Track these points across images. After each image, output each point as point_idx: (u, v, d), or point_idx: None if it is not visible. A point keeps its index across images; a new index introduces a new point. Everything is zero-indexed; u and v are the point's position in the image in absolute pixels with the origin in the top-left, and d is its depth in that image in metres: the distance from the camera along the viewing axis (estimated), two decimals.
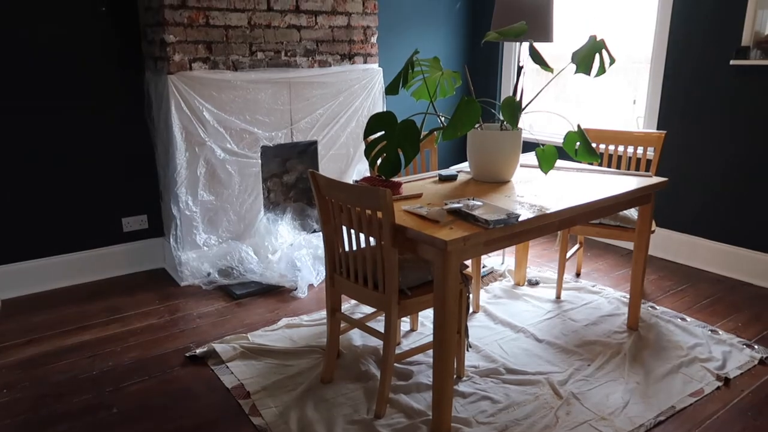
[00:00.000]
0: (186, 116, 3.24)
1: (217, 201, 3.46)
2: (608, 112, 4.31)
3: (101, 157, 3.41)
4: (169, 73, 3.17)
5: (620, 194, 2.46)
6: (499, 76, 4.78)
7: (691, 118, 3.63)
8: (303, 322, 2.95)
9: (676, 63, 3.64)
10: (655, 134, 3.14)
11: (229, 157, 3.44)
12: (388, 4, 4.24)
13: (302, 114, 3.66)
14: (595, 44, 2.40)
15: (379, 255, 2.04)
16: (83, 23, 3.21)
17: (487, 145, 2.54)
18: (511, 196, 2.37)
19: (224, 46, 3.34)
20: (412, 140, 2.25)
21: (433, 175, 2.76)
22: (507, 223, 2.00)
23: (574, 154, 2.52)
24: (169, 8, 3.11)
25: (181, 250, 3.40)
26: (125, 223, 3.57)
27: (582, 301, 3.21)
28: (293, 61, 3.60)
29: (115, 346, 2.74)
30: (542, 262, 3.80)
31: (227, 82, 3.34)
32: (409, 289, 2.17)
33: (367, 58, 3.91)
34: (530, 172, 2.81)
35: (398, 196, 2.33)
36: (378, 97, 3.96)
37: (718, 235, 3.62)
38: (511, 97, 2.40)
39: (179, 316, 3.06)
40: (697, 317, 3.01)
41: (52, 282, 3.39)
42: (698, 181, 3.66)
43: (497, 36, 2.40)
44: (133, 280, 3.52)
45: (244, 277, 3.42)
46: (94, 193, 3.43)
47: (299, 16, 3.56)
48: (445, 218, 2.03)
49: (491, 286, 3.38)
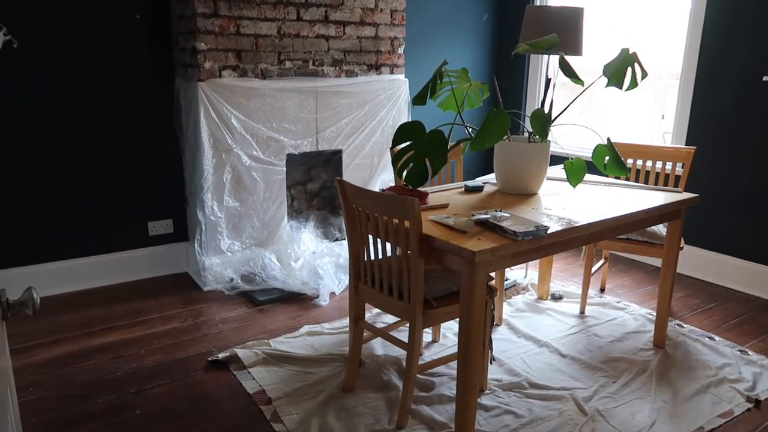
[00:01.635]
0: (214, 123, 3.28)
1: (241, 207, 3.49)
2: (635, 126, 4.26)
3: (130, 161, 3.46)
4: (199, 80, 3.21)
5: (650, 209, 2.43)
6: (525, 88, 4.77)
7: (722, 135, 3.58)
8: (324, 330, 2.95)
9: (707, 78, 3.60)
10: (685, 150, 3.10)
11: (255, 164, 3.46)
12: (415, 16, 4.26)
13: (328, 123, 3.69)
14: (627, 57, 2.38)
15: (406, 264, 2.03)
16: (118, 30, 3.27)
17: (514, 156, 2.53)
18: (539, 209, 2.35)
19: (253, 55, 3.38)
20: (440, 150, 2.24)
21: (459, 185, 2.76)
22: (535, 235, 1.98)
23: (603, 168, 2.49)
24: (202, 17, 3.16)
25: (205, 255, 3.43)
26: (151, 227, 3.61)
27: (607, 317, 3.16)
28: (320, 70, 3.63)
29: (139, 349, 2.77)
30: (566, 276, 3.76)
31: (255, 90, 3.38)
32: (434, 299, 2.16)
33: (394, 69, 3.93)
34: (557, 185, 2.79)
35: (425, 206, 2.33)
36: (403, 107, 3.97)
37: (748, 254, 3.54)
38: (540, 110, 2.39)
39: (202, 320, 3.08)
40: (725, 337, 2.95)
41: (79, 283, 3.43)
42: (727, 198, 3.60)
43: (528, 48, 2.40)
44: (157, 284, 3.55)
45: (266, 284, 3.44)
46: (122, 196, 3.48)
47: (328, 26, 3.59)
48: (472, 229, 2.02)
49: (514, 300, 3.35)
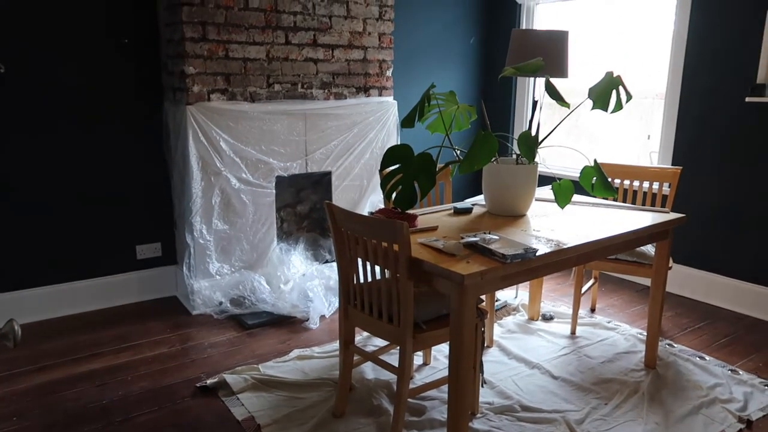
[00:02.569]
0: (203, 146, 3.28)
1: (230, 230, 3.47)
2: (622, 145, 4.31)
3: (118, 184, 3.44)
4: (188, 104, 3.22)
5: (639, 230, 2.44)
6: (512, 110, 4.81)
7: (707, 154, 3.62)
8: (315, 353, 2.92)
9: (691, 99, 3.65)
10: (671, 170, 3.13)
11: (244, 187, 3.46)
12: (403, 39, 4.31)
13: (317, 145, 3.69)
14: (612, 80, 2.42)
15: (395, 288, 2.03)
16: (106, 55, 3.28)
17: (503, 178, 2.54)
18: (527, 231, 2.35)
19: (242, 78, 3.39)
20: (429, 173, 2.25)
21: (448, 207, 2.76)
22: (524, 258, 1.98)
23: (590, 189, 2.51)
24: (191, 41, 3.17)
25: (194, 279, 3.40)
26: (139, 251, 3.58)
27: (597, 337, 3.16)
28: (309, 93, 3.65)
29: (126, 375, 2.72)
30: (556, 296, 3.76)
31: (244, 113, 3.38)
32: (424, 322, 2.15)
33: (382, 91, 3.96)
34: (545, 206, 2.80)
35: (414, 228, 2.33)
36: (392, 129, 4.00)
37: (736, 272, 3.57)
38: (527, 132, 2.41)
39: (190, 345, 3.04)
40: (716, 356, 2.95)
41: (64, 308, 3.39)
42: (715, 217, 3.63)
43: (514, 71, 2.42)
44: (144, 308, 3.51)
45: (255, 307, 3.41)
46: (109, 220, 3.45)
47: (316, 50, 3.62)
48: (461, 252, 2.02)
49: (505, 321, 3.34)
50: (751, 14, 3.31)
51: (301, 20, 3.52)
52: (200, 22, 3.19)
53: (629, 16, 4.13)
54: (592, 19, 4.35)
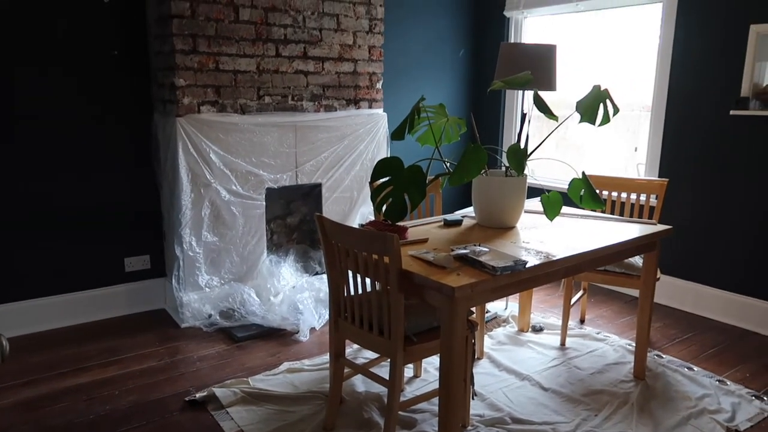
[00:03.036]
0: (193, 158, 3.27)
1: (220, 242, 3.46)
2: (609, 158, 4.35)
3: (107, 196, 3.42)
4: (178, 116, 3.21)
5: (626, 241, 2.46)
6: (501, 122, 4.85)
7: (693, 166, 3.67)
8: (305, 366, 2.90)
9: (677, 112, 3.70)
10: (658, 182, 3.16)
11: (234, 199, 3.45)
12: (393, 51, 4.33)
13: (307, 157, 3.70)
14: (599, 94, 2.45)
15: (386, 300, 2.03)
16: (95, 67, 3.27)
17: (492, 191, 2.56)
18: (517, 243, 2.37)
19: (232, 90, 3.40)
20: (419, 186, 2.26)
21: (438, 219, 2.77)
22: (514, 270, 1.99)
23: (578, 201, 2.53)
24: (181, 53, 3.18)
25: (183, 291, 3.38)
26: (127, 263, 3.56)
27: (587, 348, 3.17)
28: (300, 105, 3.66)
29: (113, 389, 2.69)
30: (546, 307, 3.78)
31: (234, 125, 3.38)
32: (415, 335, 2.15)
33: (372, 104, 3.98)
34: (535, 218, 2.82)
35: (404, 240, 2.33)
36: (382, 141, 4.01)
37: (723, 283, 3.60)
38: (516, 145, 2.43)
39: (179, 358, 3.01)
40: (704, 367, 2.97)
41: (51, 322, 3.35)
42: (701, 228, 3.67)
43: (503, 85, 2.45)
44: (133, 321, 3.48)
45: (245, 320, 3.39)
46: (97, 232, 3.43)
47: (307, 62, 3.63)
48: (452, 264, 2.03)
49: (495, 332, 3.34)
50: (734, 29, 3.37)
51: (291, 33, 3.53)
52: (191, 34, 3.20)
53: (616, 29, 4.19)
54: (579, 32, 4.41)
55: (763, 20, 3.25)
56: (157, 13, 3.28)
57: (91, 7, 3.21)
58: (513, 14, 4.59)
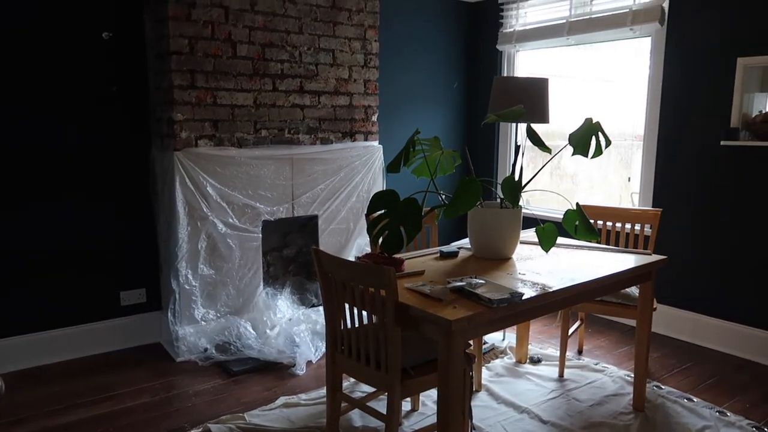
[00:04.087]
0: (190, 191, 3.29)
1: (216, 275, 3.45)
2: (603, 187, 4.39)
3: (102, 230, 3.43)
4: (175, 150, 3.24)
5: (622, 272, 2.47)
6: (495, 154, 4.90)
7: (686, 196, 3.70)
8: (301, 401, 2.87)
9: (669, 142, 3.76)
10: (652, 212, 3.19)
11: (231, 232, 3.46)
12: (388, 85, 4.40)
13: (304, 189, 3.72)
14: (591, 127, 2.49)
15: (382, 333, 2.02)
16: (94, 101, 3.31)
17: (487, 222, 2.57)
18: (513, 274, 2.37)
19: (230, 124, 3.44)
20: (414, 218, 2.28)
21: (434, 251, 2.78)
22: (510, 302, 1.99)
23: (573, 232, 2.55)
24: (179, 88, 3.22)
25: (179, 325, 3.36)
26: (123, 297, 3.54)
27: (586, 379, 3.15)
28: (296, 138, 3.70)
29: (107, 426, 2.65)
30: (543, 338, 3.76)
31: (231, 158, 3.41)
32: (412, 368, 2.14)
33: (368, 136, 4.03)
34: (530, 249, 2.83)
35: (401, 273, 2.34)
36: (378, 173, 4.04)
37: (720, 313, 3.60)
38: (510, 177, 2.46)
39: (174, 393, 2.98)
40: (703, 397, 2.95)
41: (44, 358, 3.31)
42: (696, 257, 3.69)
43: (496, 118, 2.49)
44: (128, 356, 3.45)
45: (241, 353, 3.36)
46: (93, 266, 3.42)
47: (303, 96, 3.68)
48: (448, 296, 2.03)
49: (493, 364, 3.32)
50: (722, 62, 3.44)
51: (288, 68, 3.59)
52: (189, 70, 3.25)
53: (606, 61, 4.27)
54: (570, 64, 4.49)
55: (749, 53, 3.32)
56: (156, 49, 3.33)
57: (90, 43, 3.27)
58: (506, 48, 4.68)
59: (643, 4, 3.77)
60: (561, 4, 4.26)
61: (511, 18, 4.61)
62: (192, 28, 3.23)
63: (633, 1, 3.81)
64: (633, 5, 3.80)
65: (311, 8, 3.63)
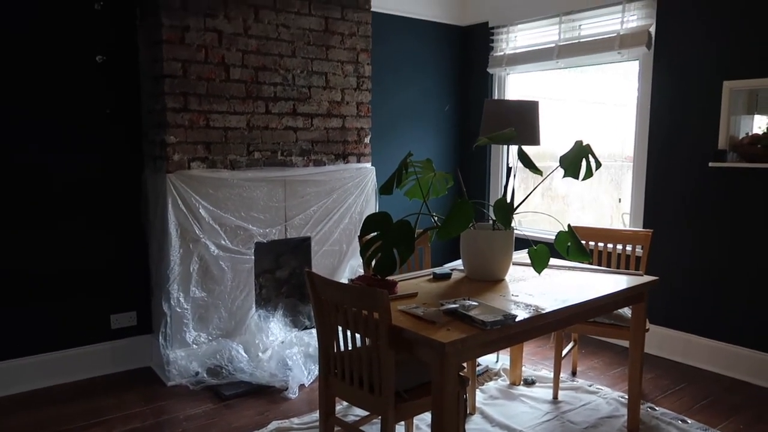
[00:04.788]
0: (182, 213, 3.28)
1: (208, 297, 3.43)
2: (594, 207, 4.42)
3: (93, 252, 3.41)
4: (168, 172, 3.24)
5: (614, 293, 2.48)
6: (487, 176, 4.93)
7: (676, 217, 3.74)
8: (294, 425, 2.84)
9: (658, 164, 3.80)
10: (643, 233, 3.21)
11: (223, 254, 3.45)
12: (381, 107, 4.44)
13: (296, 211, 3.73)
14: (582, 149, 2.51)
15: (376, 356, 2.01)
16: (87, 124, 3.32)
17: (480, 244, 2.58)
18: (506, 296, 2.38)
19: (223, 146, 3.45)
20: (407, 240, 2.28)
21: (427, 273, 2.78)
22: (504, 324, 1.99)
23: (565, 254, 2.56)
24: (172, 111, 3.24)
25: (170, 348, 3.33)
26: (114, 320, 3.50)
27: (580, 401, 3.13)
28: (289, 160, 3.71)
29: None
30: (537, 360, 3.75)
31: (224, 180, 3.42)
32: (406, 391, 2.12)
33: (361, 158, 4.05)
34: (523, 271, 2.84)
35: (394, 295, 2.34)
36: (371, 194, 4.06)
37: (711, 333, 3.61)
38: (502, 199, 2.48)
39: (164, 419, 2.94)
40: (697, 419, 2.94)
41: (33, 382, 3.26)
42: (687, 278, 3.71)
43: (488, 141, 2.51)
44: (118, 380, 3.40)
45: (233, 377, 3.33)
46: (83, 289, 3.39)
47: (296, 119, 3.71)
48: (441, 319, 2.03)
49: (487, 386, 3.31)
50: (708, 85, 3.50)
51: (281, 91, 3.62)
52: (182, 93, 3.27)
53: (596, 83, 4.34)
54: (560, 87, 4.55)
55: (735, 77, 3.39)
56: (149, 72, 3.35)
57: (84, 66, 3.28)
58: (496, 71, 4.74)
59: (631, 28, 3.84)
60: (550, 28, 4.34)
61: (501, 42, 4.68)
62: (185, 52, 3.25)
63: (620, 26, 3.89)
64: (620, 30, 3.88)
65: (304, 32, 3.67)
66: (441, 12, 4.77)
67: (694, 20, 3.56)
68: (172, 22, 3.19)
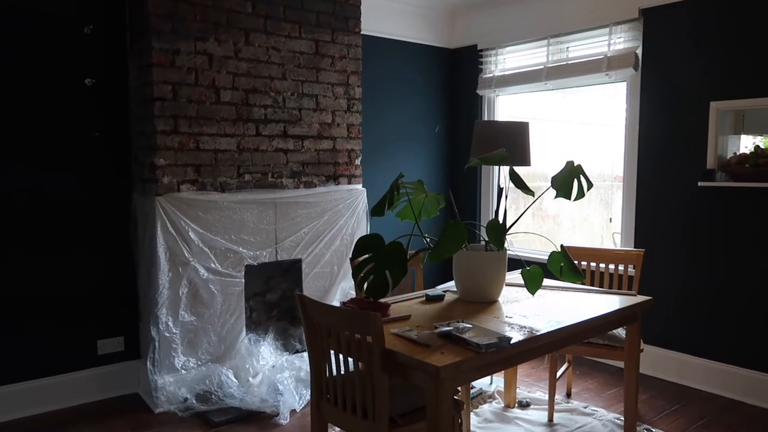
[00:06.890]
0: (171, 237, 3.24)
1: (198, 322, 3.38)
2: (585, 227, 4.43)
3: (79, 275, 3.35)
4: (157, 195, 3.21)
5: (608, 314, 2.47)
6: (479, 196, 4.94)
7: (667, 236, 3.74)
8: None
9: (648, 183, 3.82)
10: (635, 252, 3.21)
11: (213, 277, 3.40)
12: (371, 129, 4.45)
13: (287, 233, 3.70)
14: (573, 170, 2.52)
15: (369, 381, 1.98)
16: (75, 147, 3.29)
17: (473, 265, 2.57)
18: (500, 317, 2.35)
19: (213, 169, 3.42)
20: (400, 262, 2.26)
21: (420, 295, 2.76)
22: (499, 347, 1.97)
23: (558, 274, 2.54)
24: (162, 134, 3.22)
25: (158, 374, 3.26)
26: (100, 346, 3.44)
27: (575, 424, 3.10)
28: (279, 182, 3.70)
29: None
30: (531, 381, 3.71)
31: (214, 202, 3.39)
32: (400, 416, 2.08)
33: (352, 179, 4.04)
34: (516, 291, 2.82)
35: (387, 318, 2.30)
36: (362, 216, 4.04)
37: (706, 353, 3.60)
38: (495, 220, 2.47)
39: None
40: None
41: (16, 411, 3.18)
42: (680, 298, 3.70)
43: (479, 162, 2.51)
44: (103, 408, 3.32)
45: (223, 403, 3.26)
46: (68, 314, 3.33)
47: (287, 141, 3.70)
48: (435, 342, 2.00)
49: (481, 409, 3.26)
50: (696, 106, 3.54)
51: (271, 113, 3.62)
52: (172, 115, 3.25)
53: (584, 104, 4.37)
54: (549, 107, 4.59)
55: (721, 97, 3.43)
56: (139, 95, 3.34)
57: (73, 89, 3.27)
58: (486, 93, 4.78)
59: (618, 50, 3.89)
60: (538, 50, 4.38)
61: (490, 64, 4.72)
62: (176, 75, 3.25)
63: (608, 48, 3.94)
64: (608, 52, 3.92)
65: (295, 55, 3.68)
66: (430, 35, 4.82)
67: (680, 42, 3.61)
68: (162, 45, 3.19)
